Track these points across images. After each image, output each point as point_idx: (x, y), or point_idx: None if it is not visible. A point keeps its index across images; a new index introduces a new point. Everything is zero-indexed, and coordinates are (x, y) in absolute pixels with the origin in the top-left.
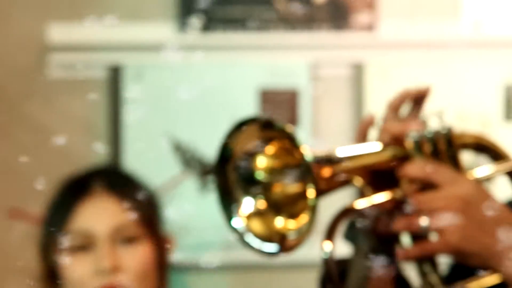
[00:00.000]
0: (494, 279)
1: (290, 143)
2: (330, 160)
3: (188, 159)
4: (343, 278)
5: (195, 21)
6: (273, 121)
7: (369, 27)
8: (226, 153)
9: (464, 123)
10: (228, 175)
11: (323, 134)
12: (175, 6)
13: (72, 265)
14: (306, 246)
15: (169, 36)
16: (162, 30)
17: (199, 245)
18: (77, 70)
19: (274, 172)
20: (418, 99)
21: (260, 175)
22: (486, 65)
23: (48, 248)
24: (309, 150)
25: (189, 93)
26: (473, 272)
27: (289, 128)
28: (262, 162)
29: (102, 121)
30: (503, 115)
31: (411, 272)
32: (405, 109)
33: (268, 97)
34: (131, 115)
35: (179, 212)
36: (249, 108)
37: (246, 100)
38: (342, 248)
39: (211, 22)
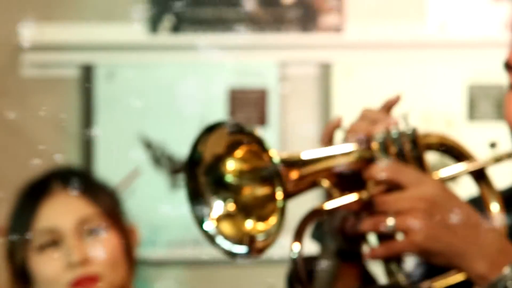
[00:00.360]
0: (459, 277)
1: (259, 146)
2: (297, 163)
3: (159, 157)
4: (311, 276)
5: (166, 22)
6: (241, 125)
7: (337, 28)
8: (195, 157)
9: (429, 123)
10: (198, 179)
11: (291, 133)
12: (147, 8)
13: (43, 263)
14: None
15: (141, 37)
16: (134, 31)
17: (169, 241)
18: (49, 69)
19: (243, 175)
20: (387, 107)
21: (230, 178)
22: (451, 66)
23: (15, 252)
24: (277, 153)
25: (159, 93)
26: (439, 270)
27: (257, 132)
28: (231, 166)
29: (74, 120)
30: (467, 115)
31: (378, 270)
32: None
33: (237, 96)
34: (102, 114)
35: (151, 209)
36: (219, 107)
37: (215, 99)
38: (310, 247)
39: (182, 23)
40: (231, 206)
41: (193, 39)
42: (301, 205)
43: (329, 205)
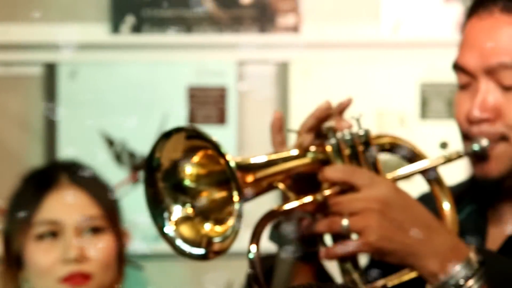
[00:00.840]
0: (412, 275)
1: (215, 151)
2: (253, 167)
3: (120, 154)
4: (269, 275)
5: (127, 22)
6: (198, 131)
7: (294, 28)
8: (153, 163)
9: (383, 121)
10: (157, 184)
11: (250, 130)
12: (108, 8)
13: (39, 253)
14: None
15: (103, 36)
16: (96, 31)
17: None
18: (13, 67)
19: (201, 180)
20: (340, 110)
21: (188, 182)
22: (404, 65)
23: (13, 236)
24: (232, 157)
25: (121, 91)
26: (394, 269)
27: (213, 137)
28: (189, 170)
29: (37, 117)
30: (419, 114)
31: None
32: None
33: (197, 95)
34: (65, 111)
35: None
36: (179, 105)
37: (175, 97)
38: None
39: (142, 23)
40: (190, 210)
41: (154, 38)
42: (262, 203)
43: (285, 207)
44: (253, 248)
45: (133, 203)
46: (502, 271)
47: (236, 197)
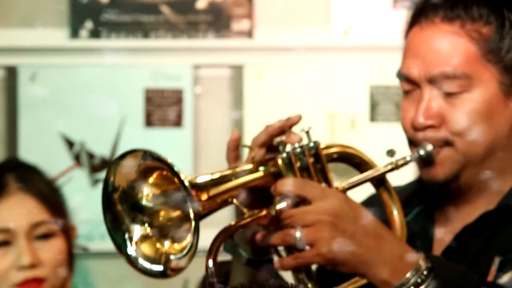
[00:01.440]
0: (363, 282)
1: (170, 171)
2: (207, 184)
3: (79, 155)
4: (227, 280)
5: (86, 27)
6: (152, 153)
7: (248, 33)
8: (109, 188)
9: (334, 123)
10: (115, 207)
11: (205, 131)
12: (68, 14)
13: None
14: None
15: (62, 40)
16: (56, 35)
17: (89, 234)
18: None
19: (157, 199)
20: (289, 125)
21: (145, 203)
22: (354, 69)
23: None
24: (186, 177)
25: (80, 93)
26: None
27: (167, 158)
28: (145, 191)
29: None
30: (369, 117)
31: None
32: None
33: (153, 97)
34: (26, 114)
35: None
36: (136, 107)
37: (133, 100)
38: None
39: (101, 28)
40: (148, 229)
41: (112, 43)
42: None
43: (239, 223)
44: (210, 263)
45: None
46: (450, 277)
47: (192, 215)
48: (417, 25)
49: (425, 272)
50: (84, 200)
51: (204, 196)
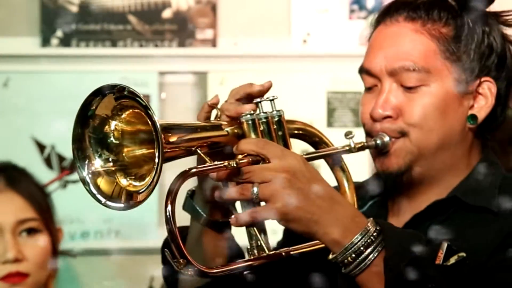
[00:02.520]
0: (315, 247)
1: (143, 111)
2: (176, 130)
3: (50, 158)
4: (185, 240)
5: (56, 36)
6: (129, 89)
7: (211, 42)
8: (84, 115)
9: None
10: (84, 135)
11: None
12: (39, 23)
13: None
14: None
15: (34, 48)
16: (28, 43)
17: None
18: None
19: (126, 137)
20: (259, 92)
21: (113, 138)
22: (312, 76)
23: None
24: (158, 119)
25: (50, 99)
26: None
27: (143, 97)
28: (115, 127)
29: None
30: (326, 122)
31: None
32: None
33: None
34: None
35: None
36: None
37: None
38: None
39: (70, 37)
40: (112, 164)
41: (81, 51)
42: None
43: (198, 167)
44: (169, 206)
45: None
46: (397, 238)
47: (158, 155)
48: (382, 24)
49: (374, 234)
50: (55, 202)
51: (172, 139)
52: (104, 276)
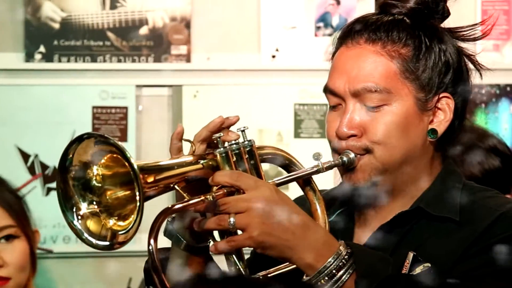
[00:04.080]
0: (290, 267)
1: (120, 155)
2: (153, 170)
3: (33, 167)
4: (166, 265)
5: (39, 52)
6: (105, 136)
7: (185, 57)
8: (66, 163)
9: (263, 138)
10: (67, 183)
11: (147, 144)
12: (23, 39)
13: None
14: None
15: (18, 63)
16: (12, 58)
17: (44, 238)
18: None
19: (107, 180)
20: (228, 125)
21: (95, 182)
22: (281, 89)
23: None
24: (135, 161)
25: (35, 110)
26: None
27: (119, 142)
28: (96, 172)
29: None
30: (294, 133)
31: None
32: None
33: (100, 114)
34: None
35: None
36: (85, 123)
37: (82, 116)
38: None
39: (53, 52)
40: (96, 207)
41: (63, 65)
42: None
43: (178, 204)
44: (152, 241)
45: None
46: (367, 261)
47: (138, 196)
48: (344, 46)
49: (346, 257)
50: (39, 208)
51: (150, 180)
52: (84, 278)
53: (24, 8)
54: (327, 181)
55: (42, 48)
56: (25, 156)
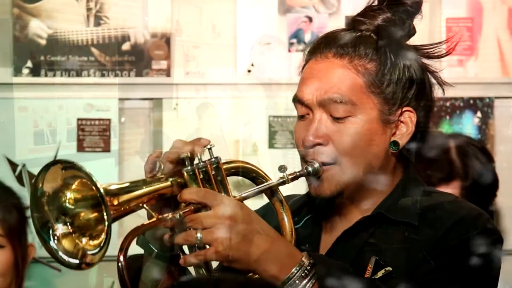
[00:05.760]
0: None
1: (88, 180)
2: (120, 191)
3: (21, 177)
4: (139, 273)
5: (27, 66)
6: (73, 162)
7: (166, 72)
8: (38, 193)
9: (239, 148)
10: (40, 208)
11: (129, 155)
12: (11, 55)
13: None
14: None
15: (6, 77)
16: (1, 73)
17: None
18: None
19: (78, 203)
20: (200, 146)
21: (67, 206)
22: (256, 103)
23: None
24: (101, 185)
25: (22, 122)
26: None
27: (85, 168)
28: (68, 196)
29: None
30: (268, 144)
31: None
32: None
33: (85, 125)
34: None
35: None
36: (70, 135)
37: (67, 128)
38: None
39: (40, 67)
40: (69, 228)
41: (49, 79)
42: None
43: (147, 224)
44: (121, 258)
45: None
46: (329, 270)
47: (106, 218)
48: (313, 59)
49: (308, 267)
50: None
51: (116, 201)
52: (69, 283)
53: (12, 26)
54: (302, 187)
55: (29, 63)
56: (13, 165)
